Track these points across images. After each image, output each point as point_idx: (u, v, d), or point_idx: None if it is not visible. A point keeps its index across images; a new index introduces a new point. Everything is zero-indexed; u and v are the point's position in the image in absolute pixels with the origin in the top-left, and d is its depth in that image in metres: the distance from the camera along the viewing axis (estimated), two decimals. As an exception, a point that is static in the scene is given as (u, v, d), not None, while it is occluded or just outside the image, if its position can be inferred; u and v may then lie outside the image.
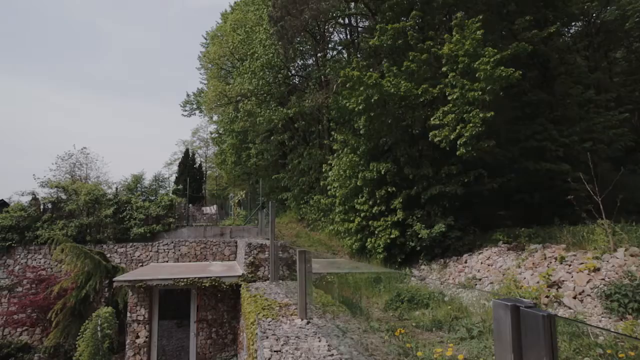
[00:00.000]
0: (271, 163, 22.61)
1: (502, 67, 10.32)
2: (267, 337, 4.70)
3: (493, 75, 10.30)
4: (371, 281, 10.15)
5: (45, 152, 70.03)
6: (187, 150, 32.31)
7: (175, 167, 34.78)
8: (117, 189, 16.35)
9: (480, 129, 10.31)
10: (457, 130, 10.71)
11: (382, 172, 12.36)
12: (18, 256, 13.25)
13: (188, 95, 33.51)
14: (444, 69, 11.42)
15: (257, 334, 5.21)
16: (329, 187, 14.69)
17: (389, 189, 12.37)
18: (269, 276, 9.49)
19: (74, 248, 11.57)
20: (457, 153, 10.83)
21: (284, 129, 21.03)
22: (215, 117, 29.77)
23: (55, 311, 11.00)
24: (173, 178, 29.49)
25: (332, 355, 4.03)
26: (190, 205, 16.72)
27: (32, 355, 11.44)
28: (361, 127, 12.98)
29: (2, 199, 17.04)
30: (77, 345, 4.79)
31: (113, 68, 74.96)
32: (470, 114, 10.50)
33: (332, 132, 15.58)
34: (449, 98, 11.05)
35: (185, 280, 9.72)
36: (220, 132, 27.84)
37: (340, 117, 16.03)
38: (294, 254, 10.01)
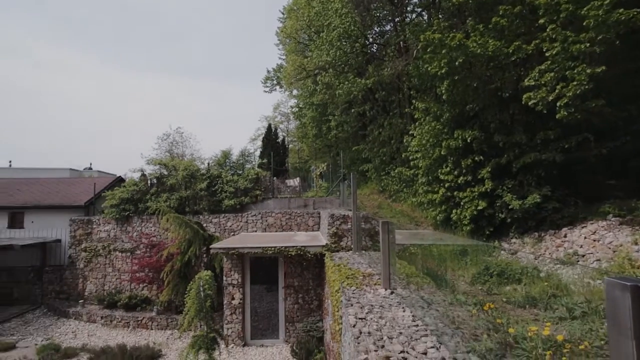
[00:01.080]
0: (351, 135, 22.58)
1: (621, 10, 8.78)
2: (352, 305, 4.85)
3: (607, 22, 8.86)
4: (456, 254, 9.81)
5: (149, 133, 78.39)
6: (269, 126, 33.65)
7: (259, 143, 36.59)
8: (208, 164, 17.76)
9: (586, 87, 9.07)
10: (557, 91, 9.55)
11: (468, 140, 11.63)
12: (135, 224, 15.28)
13: (268, 71, 34.55)
14: (541, 21, 10.13)
15: (341, 301, 5.41)
16: (411, 158, 14.28)
17: (476, 158, 11.63)
18: (352, 246, 9.68)
19: (176, 218, 12.97)
20: (557, 116, 9.70)
21: (363, 99, 20.73)
22: (294, 92, 30.41)
23: (165, 272, 12.59)
24: (257, 153, 31.11)
25: (417, 325, 4.03)
26: (275, 178, 17.56)
27: (152, 307, 13.31)
28: (444, 93, 12.25)
29: (120, 176, 19.61)
30: (185, 302, 5.48)
31: (201, 51, 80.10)
32: (574, 71, 9.25)
33: (413, 101, 14.96)
34: (547, 54, 9.83)
35: (272, 248, 10.36)
36: (300, 106, 28.41)
37: (422, 84, 15.27)
38: (376, 225, 10.04)
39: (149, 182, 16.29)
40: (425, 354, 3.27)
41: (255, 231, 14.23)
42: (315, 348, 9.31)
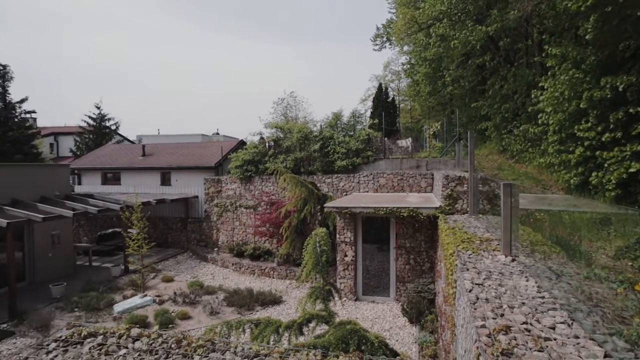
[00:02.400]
0: (468, 90, 20.77)
1: None
2: (468, 270, 4.65)
3: None
4: (595, 222, 8.53)
5: (267, 97, 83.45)
6: (379, 85, 32.87)
7: (369, 103, 36.18)
8: (321, 126, 18.31)
9: None
10: None
11: (620, 89, 9.68)
12: (256, 183, 16.83)
13: (378, 28, 33.26)
14: None
15: (456, 265, 5.22)
16: (539, 113, 12.57)
17: (630, 110, 9.67)
18: (468, 209, 9.16)
19: (292, 178, 13.84)
20: None
21: (483, 50, 18.66)
22: (405, 48, 28.86)
23: (284, 228, 13.72)
24: (368, 113, 30.86)
25: (543, 297, 3.69)
26: (386, 138, 17.32)
27: (273, 258, 14.78)
28: (589, 32, 10.26)
29: (242, 139, 21.57)
30: (302, 256, 5.95)
31: (308, 14, 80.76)
32: None
33: (545, 47, 12.91)
34: None
35: (384, 209, 10.41)
36: (412, 62, 26.97)
37: (557, 25, 13.03)
38: (495, 187, 9.28)
39: (267, 144, 17.58)
40: (553, 328, 2.99)
41: (367, 191, 14.42)
42: (426, 309, 9.31)
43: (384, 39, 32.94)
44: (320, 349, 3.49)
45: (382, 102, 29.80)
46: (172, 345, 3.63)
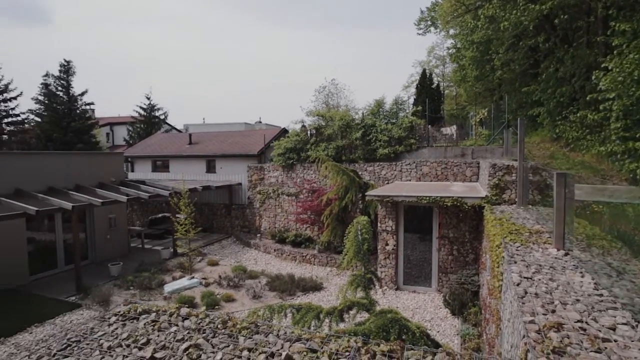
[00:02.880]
0: (519, 74, 19.60)
1: None
2: (515, 263, 4.46)
3: None
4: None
5: (308, 85, 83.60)
6: (423, 71, 31.86)
7: (412, 90, 35.28)
8: (363, 114, 18.08)
9: None
10: None
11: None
12: (298, 171, 17.02)
13: (422, 11, 32.18)
14: None
15: (503, 257, 5.03)
16: (600, 98, 11.65)
17: None
18: (516, 200, 8.76)
19: (334, 166, 13.84)
20: None
21: (536, 30, 17.47)
22: (451, 31, 27.70)
23: (325, 215, 13.81)
24: (411, 100, 30.08)
25: (601, 295, 3.46)
26: (430, 126, 16.84)
27: (314, 245, 14.96)
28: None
29: (284, 128, 21.80)
30: (344, 243, 5.98)
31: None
32: None
33: (611, 23, 11.86)
34: None
35: (427, 198, 10.18)
36: (458, 46, 25.83)
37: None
38: (547, 176, 8.79)
39: (308, 132, 17.66)
40: (613, 329, 2.81)
41: (409, 180, 14.16)
42: (469, 301, 9.07)
43: (428, 22, 31.81)
44: (361, 336, 3.51)
45: (426, 89, 28.91)
46: (219, 326, 3.79)
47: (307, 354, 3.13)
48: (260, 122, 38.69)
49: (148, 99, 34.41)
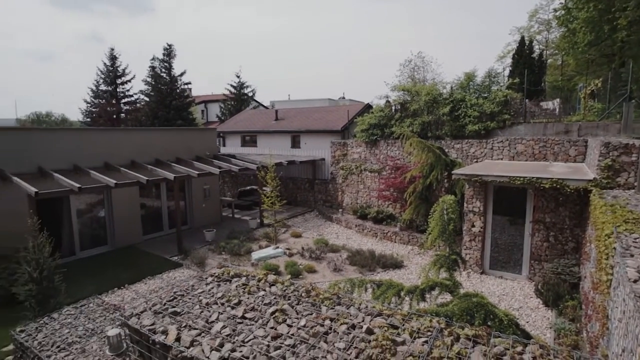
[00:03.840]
0: (648, 36, 16.61)
1: None
2: (632, 256, 3.91)
3: None
4: None
5: (391, 60, 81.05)
6: (522, 39, 28.67)
7: (508, 60, 32.07)
8: (451, 88, 16.99)
9: None
10: None
11: None
12: (381, 147, 16.76)
13: (526, -31, 28.61)
14: None
15: (614, 248, 4.45)
16: None
17: None
18: (635, 184, 7.63)
19: (419, 143, 13.35)
20: None
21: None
22: (561, -11, 24.29)
23: (408, 193, 13.51)
24: (506, 72, 27.44)
25: None
26: (527, 100, 15.22)
27: (396, 223, 14.80)
28: None
29: (368, 103, 21.50)
30: (427, 222, 5.79)
31: (444, -38, 73.74)
32: None
33: None
34: None
35: (521, 179, 9.36)
36: (569, 6, 22.64)
37: None
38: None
39: (393, 108, 17.19)
40: None
41: (501, 159, 13.12)
42: (566, 293, 8.27)
43: (533, -19, 28.29)
44: (443, 317, 3.42)
45: (525, 58, 26.09)
46: (303, 294, 3.97)
47: (388, 329, 3.14)
48: (344, 97, 38.63)
49: (238, 77, 36.35)
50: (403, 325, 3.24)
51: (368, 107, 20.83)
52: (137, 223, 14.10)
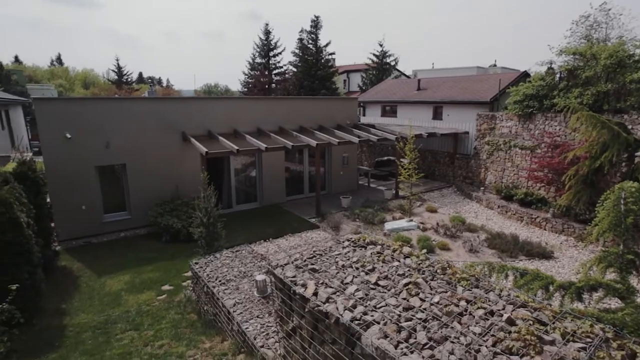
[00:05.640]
0: None
1: None
2: None
3: None
4: None
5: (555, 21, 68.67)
6: None
7: None
8: (646, 48, 13.53)
9: None
10: None
11: None
12: (537, 122, 14.66)
13: None
14: None
15: None
16: None
17: None
18: None
19: (590, 117, 11.16)
20: None
21: None
22: None
23: (568, 176, 11.60)
24: None
25: None
26: None
27: (548, 208, 13.00)
28: None
29: (525, 71, 18.85)
30: (590, 211, 4.88)
31: None
32: None
33: None
34: None
35: None
36: None
37: None
38: None
39: (557, 76, 14.73)
40: None
41: None
42: None
43: None
44: (611, 326, 2.89)
45: None
46: (438, 271, 3.85)
47: (533, 323, 2.83)
48: (495, 65, 34.69)
49: (381, 45, 35.80)
50: (553, 323, 2.88)
51: (524, 76, 18.25)
52: (282, 184, 15.59)
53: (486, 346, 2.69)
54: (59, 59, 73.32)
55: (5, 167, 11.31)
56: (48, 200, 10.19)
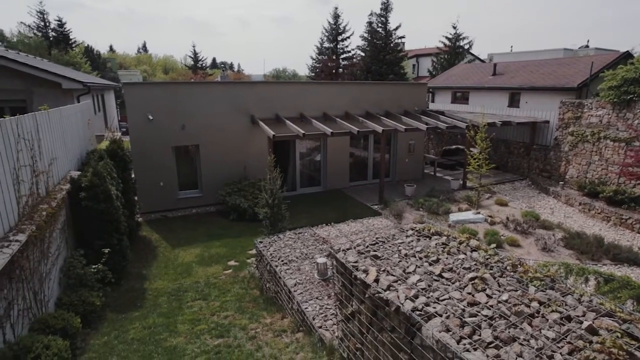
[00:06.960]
0: None
1: None
2: None
3: None
4: None
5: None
6: None
7: None
8: None
9: None
10: None
11: None
12: (637, 110, 12.96)
13: None
14: None
15: None
16: None
17: None
18: None
19: None
20: None
21: None
22: None
23: (670, 173, 10.21)
24: None
25: None
26: None
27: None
28: None
29: (627, 51, 16.66)
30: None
31: None
32: None
33: None
34: None
35: None
36: None
37: None
38: None
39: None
40: None
41: None
42: None
43: None
44: None
45: None
46: (507, 267, 3.62)
47: (622, 336, 2.55)
48: (587, 46, 31.28)
49: (454, 28, 33.85)
50: (646, 337, 2.57)
51: (625, 57, 16.15)
52: (346, 170, 15.58)
53: (561, 353, 2.48)
54: (144, 47, 79.77)
55: (100, 145, 12.62)
56: (132, 176, 11.19)
